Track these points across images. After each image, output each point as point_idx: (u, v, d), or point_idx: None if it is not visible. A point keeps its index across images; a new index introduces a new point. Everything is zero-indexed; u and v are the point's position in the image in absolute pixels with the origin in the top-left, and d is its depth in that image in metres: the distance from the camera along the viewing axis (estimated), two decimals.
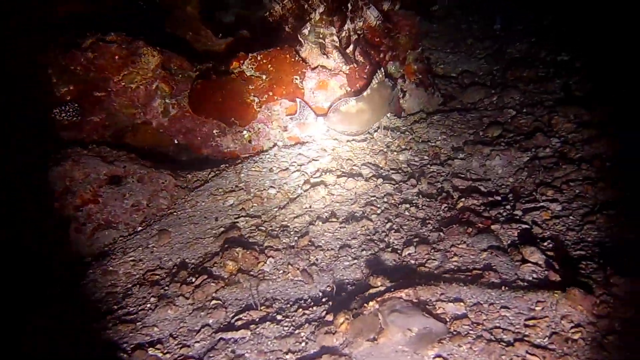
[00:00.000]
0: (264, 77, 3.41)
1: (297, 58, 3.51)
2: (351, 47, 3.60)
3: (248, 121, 3.40)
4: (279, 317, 2.10)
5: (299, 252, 2.40)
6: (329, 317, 1.99)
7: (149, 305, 2.26)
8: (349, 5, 3.24)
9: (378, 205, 2.86)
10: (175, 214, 2.78)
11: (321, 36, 3.44)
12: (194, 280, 2.29)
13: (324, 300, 2.17)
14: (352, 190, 3.02)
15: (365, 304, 1.93)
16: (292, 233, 2.57)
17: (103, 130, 3.05)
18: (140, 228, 2.75)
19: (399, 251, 2.42)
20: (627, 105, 3.76)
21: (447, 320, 1.90)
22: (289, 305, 2.16)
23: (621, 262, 2.11)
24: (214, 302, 2.20)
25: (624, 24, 4.52)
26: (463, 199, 2.85)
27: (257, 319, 2.09)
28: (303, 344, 1.94)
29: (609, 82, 4.19)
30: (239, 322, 2.08)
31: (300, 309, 2.13)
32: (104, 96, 2.92)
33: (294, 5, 3.19)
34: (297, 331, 2.01)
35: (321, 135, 3.70)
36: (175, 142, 3.35)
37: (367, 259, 2.38)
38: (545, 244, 2.37)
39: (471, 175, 3.26)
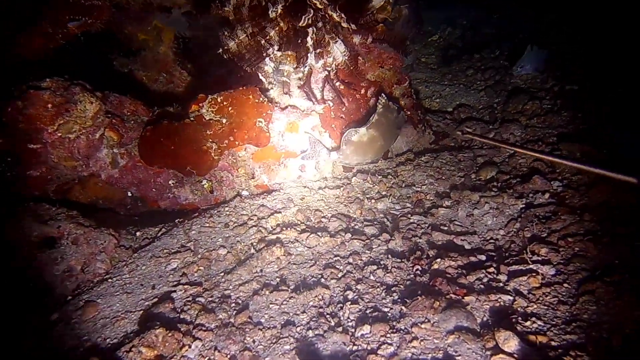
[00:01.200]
0: (224, 120, 3.12)
1: (261, 99, 3.22)
2: (320, 85, 3.29)
3: (206, 170, 3.11)
4: None
5: (232, 333, 2.03)
6: None
7: None
8: (312, 39, 2.95)
9: (340, 268, 2.48)
10: (110, 280, 2.46)
11: (285, 74, 3.15)
12: None
13: None
14: (314, 248, 2.66)
15: None
16: (232, 305, 2.21)
17: (45, 184, 2.79)
18: (70, 297, 2.44)
19: (350, 331, 2.02)
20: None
21: None
22: None
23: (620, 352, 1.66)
24: None
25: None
26: (439, 260, 2.44)
27: None
28: None
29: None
30: None
31: None
32: (40, 148, 2.67)
33: (250, 41, 2.92)
34: None
35: (291, 182, 3.38)
36: (129, 194, 3.07)
37: (310, 341, 1.99)
38: (528, 323, 1.93)
39: (455, 228, 2.86)
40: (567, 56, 4.70)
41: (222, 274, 2.43)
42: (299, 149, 3.44)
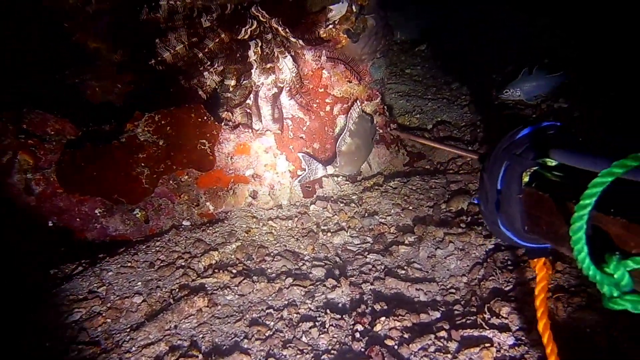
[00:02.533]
0: (160, 142, 2.78)
1: (205, 117, 2.87)
2: (272, 103, 2.94)
3: (138, 198, 2.76)
4: None
5: None
6: None
7: None
8: (255, 53, 2.59)
9: (270, 324, 2.12)
10: None
11: (231, 89, 2.79)
12: None
13: None
14: (246, 296, 2.30)
15: None
16: None
17: None
18: None
19: None
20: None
21: None
22: None
23: None
24: None
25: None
26: (383, 319, 2.08)
27: None
28: None
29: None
30: None
31: None
32: None
33: (188, 52, 2.57)
34: None
35: (239, 211, 3.03)
36: (50, 224, 2.73)
37: None
38: None
39: (413, 272, 2.49)
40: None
41: (129, 330, 2.08)
42: (250, 173, 3.09)
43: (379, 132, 3.66)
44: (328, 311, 2.17)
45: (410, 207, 3.09)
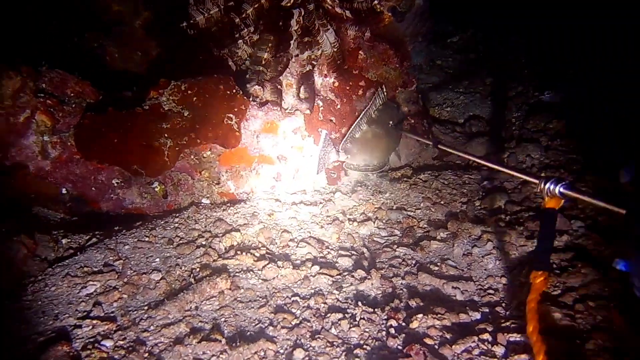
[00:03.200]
0: (185, 113, 2.61)
1: (234, 90, 2.71)
2: (305, 80, 2.76)
3: (158, 170, 2.60)
4: None
5: None
6: None
7: None
8: (297, 23, 2.42)
9: (296, 313, 1.96)
10: (6, 302, 1.98)
11: (263, 62, 2.62)
12: None
13: None
14: (270, 282, 2.14)
15: None
16: (144, 357, 1.71)
17: None
18: None
19: None
20: None
21: None
22: None
23: None
24: None
25: None
26: (420, 316, 1.92)
27: None
28: None
29: None
30: None
31: None
32: None
33: (223, 17, 2.40)
34: None
35: (262, 192, 2.87)
36: (63, 191, 2.58)
37: None
38: None
39: (447, 269, 2.33)
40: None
41: (146, 307, 1.93)
42: (276, 153, 2.93)
43: (409, 122, 3.49)
44: (359, 303, 2.00)
45: (442, 202, 2.92)
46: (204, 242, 2.33)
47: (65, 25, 3.37)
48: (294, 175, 2.99)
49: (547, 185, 1.61)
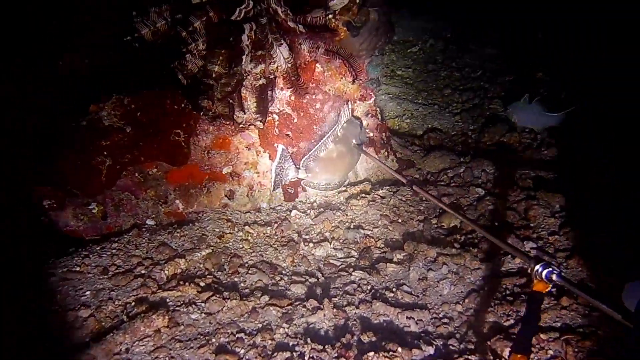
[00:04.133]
0: (128, 129, 2.43)
1: (183, 105, 2.55)
2: (258, 95, 2.63)
3: (96, 190, 2.42)
4: None
5: None
6: None
7: None
8: (248, 38, 2.28)
9: (239, 353, 1.83)
10: None
11: (214, 75, 2.46)
12: None
13: None
14: (214, 316, 2.00)
15: None
16: None
17: None
18: None
19: None
20: None
21: None
22: None
23: None
24: None
25: None
26: (372, 355, 1.82)
27: None
28: None
29: None
30: None
31: None
32: None
33: (170, 30, 2.24)
34: None
35: (212, 212, 2.72)
36: None
37: None
38: None
39: (403, 296, 2.25)
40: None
41: (69, 351, 1.75)
42: (227, 170, 2.78)
43: (369, 135, 3.41)
44: (308, 340, 1.90)
45: (400, 220, 2.85)
46: (143, 271, 2.17)
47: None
48: (247, 193, 2.85)
49: (537, 267, 1.57)
